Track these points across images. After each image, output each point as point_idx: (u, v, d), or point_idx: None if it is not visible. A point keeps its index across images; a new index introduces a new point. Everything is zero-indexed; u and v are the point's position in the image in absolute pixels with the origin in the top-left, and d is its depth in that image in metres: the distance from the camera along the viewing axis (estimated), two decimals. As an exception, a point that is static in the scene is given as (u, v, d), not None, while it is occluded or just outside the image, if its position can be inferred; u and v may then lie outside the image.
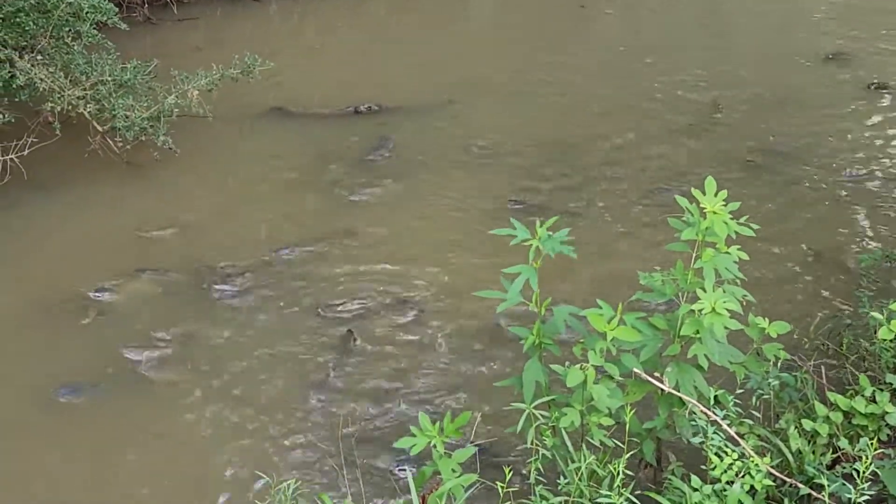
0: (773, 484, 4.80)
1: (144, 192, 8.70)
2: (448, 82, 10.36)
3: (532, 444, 4.97)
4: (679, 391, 5.06)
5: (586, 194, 8.70)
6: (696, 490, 4.67)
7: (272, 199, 8.67)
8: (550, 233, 5.21)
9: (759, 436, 5.20)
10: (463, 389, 6.67)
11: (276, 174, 9.05)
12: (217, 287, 7.54)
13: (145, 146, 8.86)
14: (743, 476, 4.67)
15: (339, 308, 7.32)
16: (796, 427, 5.26)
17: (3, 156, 8.32)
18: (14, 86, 8.41)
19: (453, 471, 4.96)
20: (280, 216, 8.46)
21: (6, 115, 8.31)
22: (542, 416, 5.02)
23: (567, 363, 5.12)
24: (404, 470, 5.73)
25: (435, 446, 5.00)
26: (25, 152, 8.33)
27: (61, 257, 7.98)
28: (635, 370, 5.08)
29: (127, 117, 8.49)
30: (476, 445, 5.33)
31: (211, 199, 8.67)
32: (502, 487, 4.63)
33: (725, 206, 5.03)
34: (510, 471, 4.73)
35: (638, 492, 4.87)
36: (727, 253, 5.08)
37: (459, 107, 9.98)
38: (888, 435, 5.25)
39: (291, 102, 9.95)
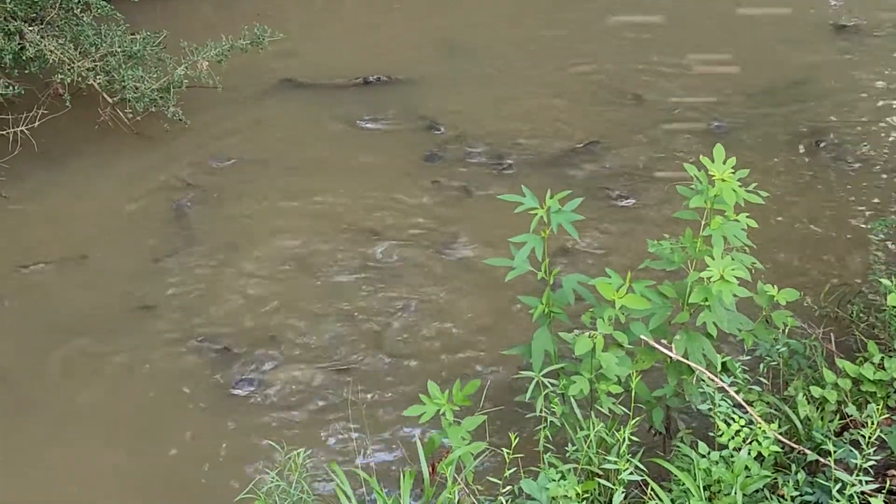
0: (780, 450, 4.81)
1: (155, 164, 8.70)
2: (458, 51, 10.31)
3: (541, 411, 5.00)
4: (688, 359, 5.08)
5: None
6: (703, 456, 4.70)
7: (282, 168, 8.69)
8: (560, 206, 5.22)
9: (767, 403, 5.22)
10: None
11: (285, 143, 9.03)
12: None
13: (155, 117, 8.85)
14: (750, 442, 4.68)
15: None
16: (804, 394, 5.28)
17: (13, 127, 8.32)
18: (24, 58, 8.40)
19: (463, 438, 4.99)
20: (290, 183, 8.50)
21: (16, 87, 8.30)
22: (551, 384, 5.04)
23: (576, 331, 5.15)
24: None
25: (444, 414, 5.03)
26: (36, 124, 8.32)
27: (70, 228, 8.02)
28: (644, 338, 5.10)
29: (137, 89, 8.48)
30: (485, 413, 5.34)
31: (222, 170, 8.66)
32: (509, 454, 4.66)
33: (734, 173, 5.03)
34: (516, 437, 4.75)
35: (647, 459, 4.91)
36: (736, 220, 5.08)
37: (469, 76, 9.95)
38: (896, 401, 5.27)
39: (301, 73, 9.90)
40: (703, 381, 4.94)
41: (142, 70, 8.61)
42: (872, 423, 4.54)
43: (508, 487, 4.65)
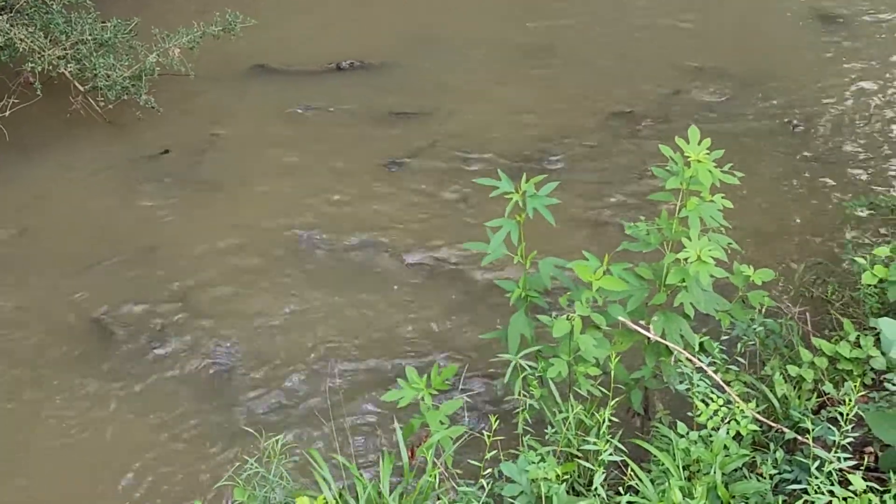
0: (758, 429, 4.85)
1: (127, 152, 8.64)
2: (432, 37, 10.29)
3: (519, 394, 5.00)
4: (665, 339, 5.09)
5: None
6: (682, 436, 4.71)
7: (254, 153, 8.66)
8: (535, 190, 5.21)
9: (744, 382, 5.25)
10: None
11: (258, 128, 9.01)
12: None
13: (127, 105, 8.79)
14: (729, 422, 4.71)
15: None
16: (781, 373, 5.31)
17: (-17, 117, 8.28)
18: (-8, 47, 8.36)
19: (441, 423, 4.99)
20: (268, 173, 8.46)
21: (-15, 77, 8.26)
22: (529, 366, 5.04)
23: (553, 314, 5.15)
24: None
25: (423, 399, 5.03)
26: (7, 113, 8.27)
27: (45, 219, 7.97)
28: (622, 319, 5.11)
29: (108, 76, 8.43)
30: (463, 397, 5.34)
31: (193, 160, 8.61)
32: (489, 437, 4.66)
33: (709, 154, 5.04)
34: (496, 420, 4.75)
35: (626, 440, 4.93)
36: (712, 201, 5.09)
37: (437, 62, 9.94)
38: (872, 379, 5.30)
39: (274, 59, 9.87)
40: (681, 361, 4.96)
41: (113, 58, 8.56)
42: (850, 401, 4.56)
43: (489, 470, 4.65)
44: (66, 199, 8.18)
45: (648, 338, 5.13)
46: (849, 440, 4.55)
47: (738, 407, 4.77)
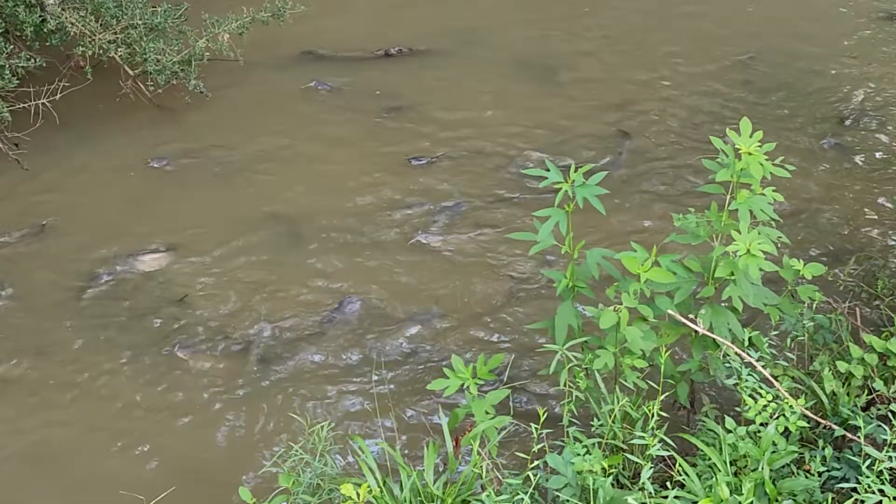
0: (807, 425, 4.78)
1: (176, 136, 8.69)
2: (477, 24, 10.26)
3: (565, 386, 4.98)
4: (713, 333, 5.05)
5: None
6: (729, 432, 4.67)
7: (304, 139, 8.68)
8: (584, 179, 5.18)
9: (793, 378, 5.19)
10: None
11: (306, 115, 9.01)
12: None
13: (176, 90, 8.85)
14: (777, 417, 4.66)
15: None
16: (831, 369, 5.24)
17: (35, 100, 8.32)
18: (45, 30, 8.40)
19: (486, 412, 4.98)
20: (314, 156, 8.47)
21: (38, 60, 8.30)
22: (575, 357, 5.02)
23: (600, 305, 5.12)
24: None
25: (468, 388, 5.02)
26: (57, 97, 8.33)
27: (91, 201, 8.03)
28: (669, 312, 5.07)
29: (158, 61, 8.49)
30: (509, 387, 5.32)
31: (244, 143, 8.64)
32: (536, 429, 4.64)
33: (761, 146, 4.98)
34: (545, 413, 4.73)
35: (671, 434, 4.89)
36: (762, 194, 5.04)
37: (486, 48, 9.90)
38: (924, 376, 5.23)
39: (322, 46, 9.89)
40: (729, 355, 4.92)
41: (163, 42, 8.62)
42: (902, 399, 4.51)
43: (536, 462, 4.63)
44: (111, 181, 8.25)
45: (696, 331, 5.09)
46: (900, 439, 4.50)
47: (786, 402, 4.71)
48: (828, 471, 4.69)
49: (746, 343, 5.03)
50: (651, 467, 4.44)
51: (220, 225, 7.70)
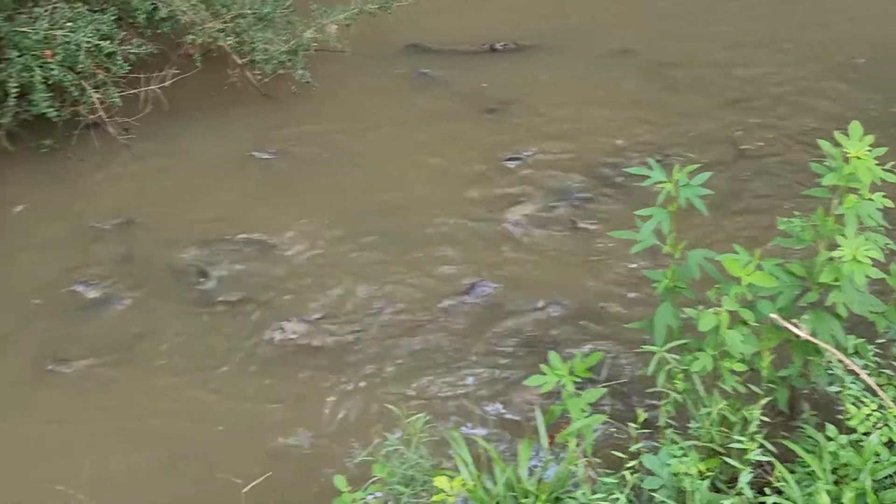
0: (912, 436, 4.70)
1: (282, 125, 8.80)
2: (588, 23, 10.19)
3: (662, 387, 4.95)
4: (816, 339, 4.98)
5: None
6: (831, 439, 4.60)
7: (408, 129, 8.74)
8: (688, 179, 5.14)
9: (897, 387, 5.10)
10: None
11: (411, 107, 9.07)
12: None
13: (282, 79, 8.94)
14: (881, 427, 4.58)
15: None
16: (938, 379, 5.13)
17: (145, 86, 8.50)
18: (156, 18, 8.56)
19: (582, 411, 4.97)
20: (421, 147, 8.52)
21: (149, 47, 8.46)
22: (673, 359, 4.99)
23: (700, 307, 5.08)
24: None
25: (564, 386, 5.01)
26: (167, 83, 8.50)
27: (195, 188, 8.18)
28: (772, 316, 5.00)
29: (266, 50, 8.60)
30: (605, 386, 5.30)
31: (349, 133, 8.72)
32: (635, 428, 4.62)
33: (871, 151, 4.90)
34: (644, 413, 4.70)
35: (769, 439, 4.83)
36: (871, 199, 4.95)
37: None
38: None
39: (428, 38, 9.91)
40: (832, 362, 4.84)
41: (271, 32, 8.73)
42: None
43: (633, 462, 4.61)
44: (216, 168, 8.39)
45: (797, 336, 5.02)
46: None
47: (891, 412, 4.63)
48: (933, 483, 4.60)
49: (850, 350, 4.96)
50: (750, 472, 4.40)
51: (328, 213, 7.77)
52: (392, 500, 4.97)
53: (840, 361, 4.81)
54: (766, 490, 4.52)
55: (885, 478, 4.55)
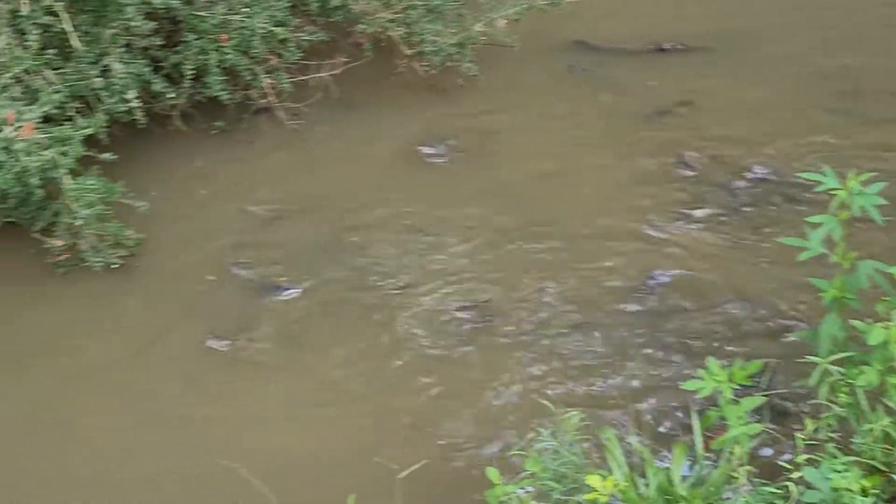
0: None
1: (449, 117, 8.87)
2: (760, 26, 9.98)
3: (824, 399, 4.85)
4: None
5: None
6: None
7: (573, 127, 8.73)
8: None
9: None
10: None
11: (577, 105, 9.04)
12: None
13: (449, 72, 8.99)
14: None
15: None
16: None
17: (316, 73, 8.68)
18: (329, 6, 8.71)
19: (740, 418, 4.90)
20: (588, 144, 8.51)
21: (320, 34, 8.61)
22: (837, 371, 4.87)
23: (868, 320, 4.96)
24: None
25: (722, 392, 4.94)
26: (338, 71, 8.66)
27: (357, 178, 8.32)
28: (946, 333, 4.85)
29: (435, 42, 8.68)
30: (765, 395, 5.21)
31: (516, 129, 8.75)
32: (802, 439, 4.54)
33: None
34: (813, 426, 4.61)
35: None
36: None
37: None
38: None
39: (594, 36, 9.85)
40: None
41: (441, 24, 8.80)
42: None
43: (796, 474, 4.52)
44: (381, 158, 8.52)
45: (973, 355, 4.85)
46: None
47: None
48: None
49: None
50: (918, 492, 4.29)
51: (492, 206, 7.86)
52: (543, 496, 4.97)
53: None
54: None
55: None
